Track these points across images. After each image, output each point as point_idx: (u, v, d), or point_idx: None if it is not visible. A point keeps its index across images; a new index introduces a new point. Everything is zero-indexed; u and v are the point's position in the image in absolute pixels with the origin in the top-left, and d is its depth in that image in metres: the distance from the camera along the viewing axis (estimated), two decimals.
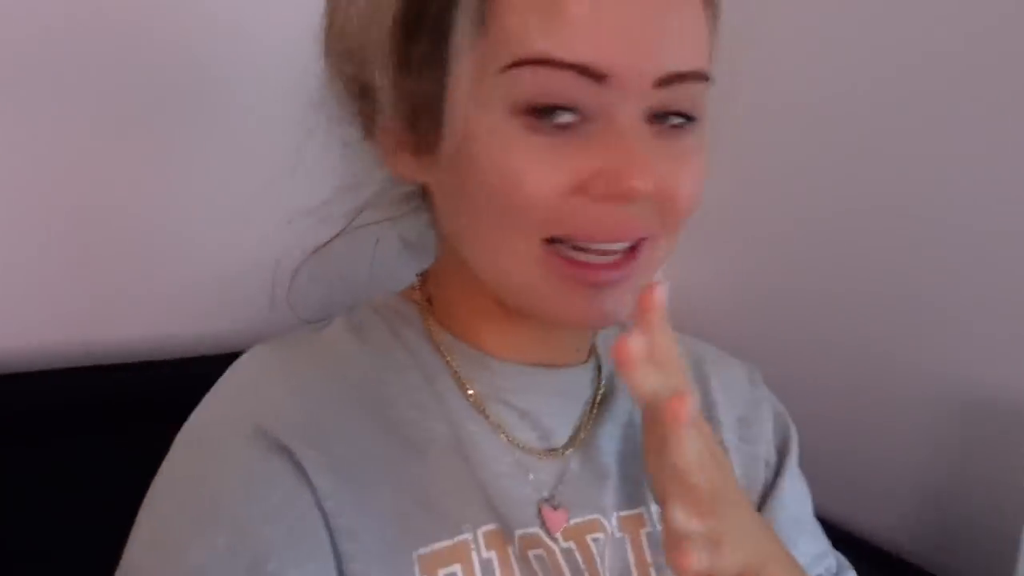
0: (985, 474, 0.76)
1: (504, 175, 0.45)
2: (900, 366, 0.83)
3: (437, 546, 0.47)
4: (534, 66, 0.44)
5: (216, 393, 0.50)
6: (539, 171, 0.45)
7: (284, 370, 0.50)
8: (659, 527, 0.55)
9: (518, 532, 0.51)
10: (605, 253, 0.47)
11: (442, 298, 0.56)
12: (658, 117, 0.47)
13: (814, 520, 0.64)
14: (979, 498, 0.77)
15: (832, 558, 0.62)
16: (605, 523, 0.54)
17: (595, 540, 0.53)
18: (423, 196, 0.55)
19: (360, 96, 0.50)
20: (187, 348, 0.75)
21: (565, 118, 0.45)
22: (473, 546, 0.48)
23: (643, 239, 0.48)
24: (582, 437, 0.55)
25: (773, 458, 0.62)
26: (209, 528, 0.44)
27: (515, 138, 0.45)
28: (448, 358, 0.54)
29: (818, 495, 0.65)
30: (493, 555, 0.49)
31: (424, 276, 0.58)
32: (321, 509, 0.46)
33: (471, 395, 0.53)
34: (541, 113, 0.44)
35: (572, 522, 0.53)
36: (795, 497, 0.62)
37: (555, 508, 0.53)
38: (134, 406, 0.68)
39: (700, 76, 0.47)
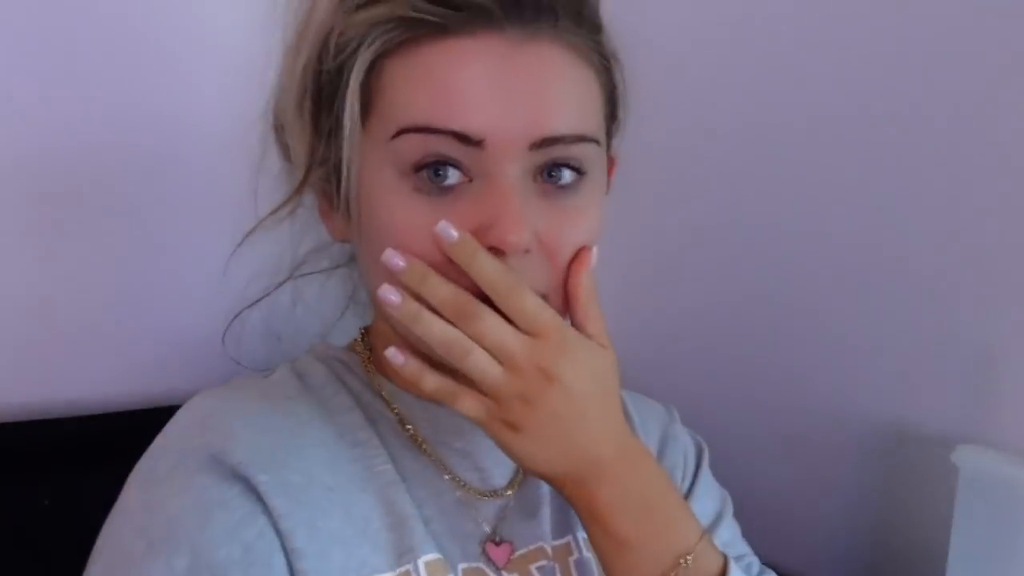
0: (909, 509, 0.77)
1: (394, 233, 0.48)
2: (823, 404, 0.83)
3: None
4: (417, 133, 0.47)
5: (169, 430, 0.51)
6: (425, 229, 0.47)
7: (235, 405, 0.51)
8: (586, 554, 0.57)
9: (461, 566, 0.52)
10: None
11: (380, 349, 0.57)
12: (547, 175, 0.49)
13: (733, 523, 0.65)
14: (904, 533, 0.78)
15: (755, 559, 0.63)
16: (548, 549, 0.56)
17: (540, 568, 0.55)
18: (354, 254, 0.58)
19: (295, 163, 0.54)
20: (144, 402, 0.76)
21: (451, 180, 0.47)
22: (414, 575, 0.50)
23: None
24: (519, 479, 0.58)
25: (688, 480, 0.65)
26: (167, 551, 0.45)
27: (404, 199, 0.48)
28: (390, 403, 0.56)
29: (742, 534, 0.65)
30: None
31: (365, 330, 0.60)
32: (277, 529, 0.47)
33: (413, 437, 0.55)
34: (428, 174, 0.47)
35: (517, 553, 0.55)
36: (705, 501, 0.64)
37: (498, 544, 0.55)
38: (92, 455, 0.69)
39: (580, 138, 0.49)
